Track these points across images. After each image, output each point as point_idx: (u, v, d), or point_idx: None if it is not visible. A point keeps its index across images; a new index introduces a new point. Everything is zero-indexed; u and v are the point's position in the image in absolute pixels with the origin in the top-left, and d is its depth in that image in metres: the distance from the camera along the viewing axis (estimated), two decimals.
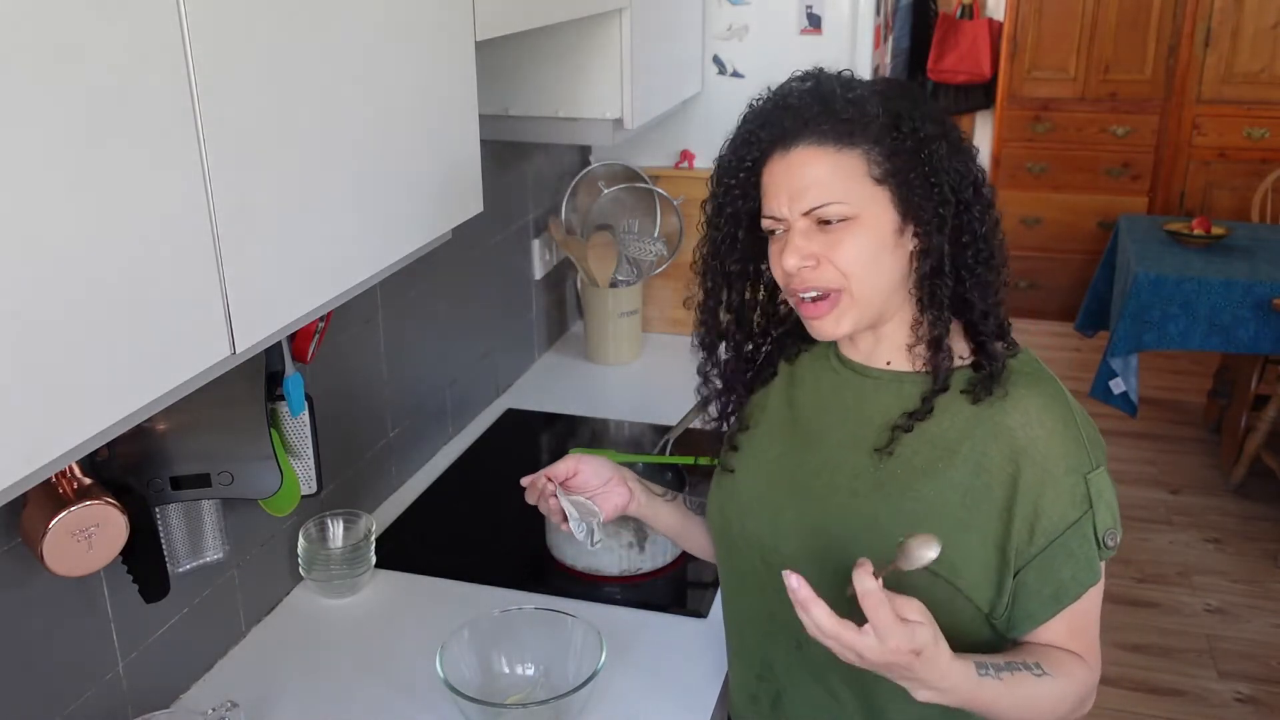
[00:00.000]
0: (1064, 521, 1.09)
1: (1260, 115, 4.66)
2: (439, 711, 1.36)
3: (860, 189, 1.09)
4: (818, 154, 1.09)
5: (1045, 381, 1.13)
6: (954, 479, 1.11)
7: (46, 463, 0.76)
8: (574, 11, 1.67)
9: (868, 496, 1.15)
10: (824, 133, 1.09)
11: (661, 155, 2.60)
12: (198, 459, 1.31)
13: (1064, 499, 1.09)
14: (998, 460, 1.09)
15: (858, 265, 1.10)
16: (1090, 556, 1.10)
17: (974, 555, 1.10)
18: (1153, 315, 3.44)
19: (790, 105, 1.12)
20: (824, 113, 1.10)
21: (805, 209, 1.10)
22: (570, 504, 1.30)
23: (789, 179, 1.10)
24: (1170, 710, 2.74)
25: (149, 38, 0.80)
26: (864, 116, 1.09)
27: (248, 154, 0.92)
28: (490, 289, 2.24)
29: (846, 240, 1.09)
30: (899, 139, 1.09)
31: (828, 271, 1.11)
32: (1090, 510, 1.09)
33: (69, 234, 0.74)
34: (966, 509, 1.10)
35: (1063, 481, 1.09)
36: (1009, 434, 1.09)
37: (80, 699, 1.24)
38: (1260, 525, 3.52)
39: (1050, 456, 1.09)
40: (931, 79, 4.95)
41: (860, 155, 1.09)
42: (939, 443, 1.12)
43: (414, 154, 1.21)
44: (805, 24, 2.46)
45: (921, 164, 1.09)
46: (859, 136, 1.09)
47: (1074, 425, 1.11)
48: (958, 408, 1.13)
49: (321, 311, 1.08)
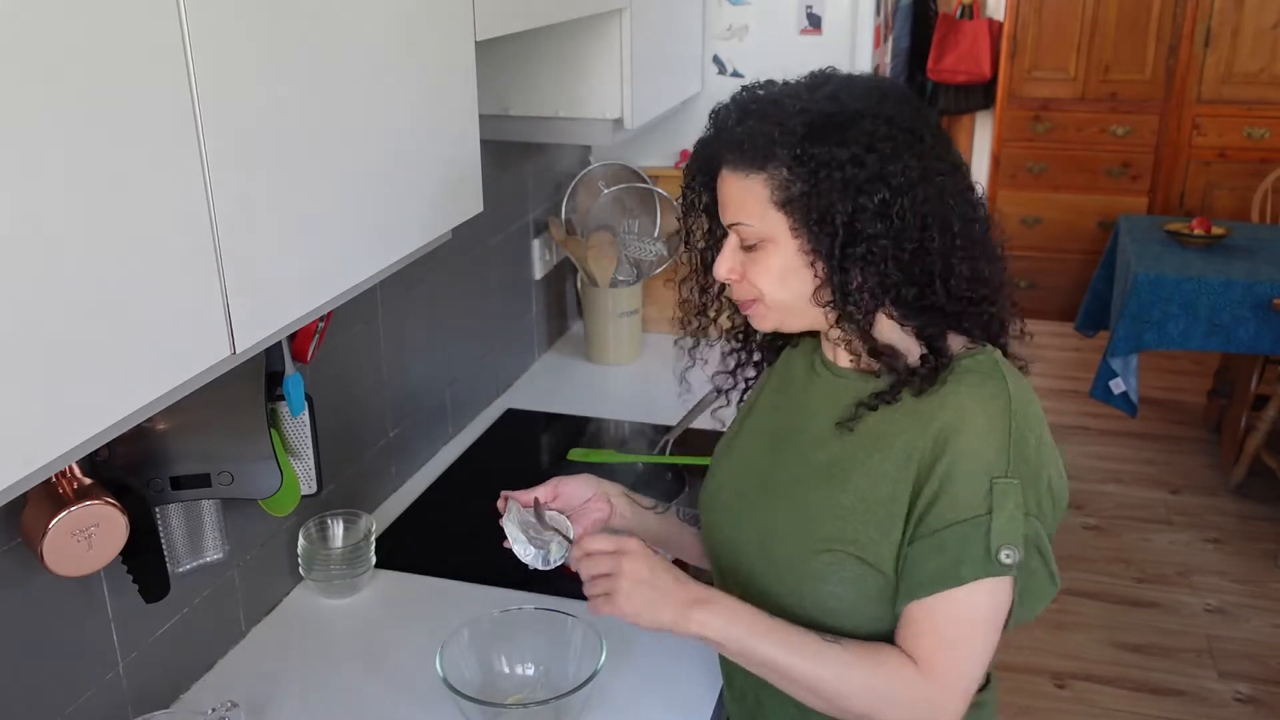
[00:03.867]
0: (953, 516, 1.06)
1: (1260, 115, 4.66)
2: (439, 711, 1.36)
3: (764, 213, 1.13)
4: (732, 177, 1.15)
5: (991, 382, 1.11)
6: (885, 470, 1.12)
7: (46, 463, 0.76)
8: (574, 11, 1.67)
9: (811, 489, 1.18)
10: (734, 160, 1.14)
11: (661, 155, 2.60)
12: (198, 459, 1.31)
13: (962, 495, 1.07)
14: (923, 449, 1.10)
15: (766, 284, 1.16)
16: (961, 559, 1.06)
17: (887, 534, 1.11)
18: (1153, 315, 3.44)
19: (720, 123, 1.17)
20: (740, 139, 1.13)
21: (727, 224, 1.17)
22: (534, 524, 1.30)
23: (722, 194, 1.17)
24: (1170, 710, 2.74)
25: (149, 38, 0.80)
26: (767, 144, 1.10)
27: (248, 154, 0.92)
28: (490, 289, 2.24)
29: (760, 260, 1.15)
30: (800, 165, 1.08)
31: (746, 287, 1.18)
32: (988, 516, 1.05)
33: (69, 234, 0.74)
34: (894, 500, 1.11)
35: (967, 478, 1.07)
36: (938, 428, 1.09)
37: (80, 699, 1.24)
38: (1260, 525, 3.52)
39: (966, 452, 1.07)
40: (931, 79, 4.95)
41: (762, 182, 1.12)
42: (877, 436, 1.14)
43: (414, 154, 1.21)
44: (805, 24, 2.46)
45: (817, 192, 1.08)
46: (757, 165, 1.12)
47: (1001, 430, 1.08)
48: (901, 403, 1.14)
49: (321, 311, 1.08)
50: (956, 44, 4.91)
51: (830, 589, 1.14)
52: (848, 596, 1.14)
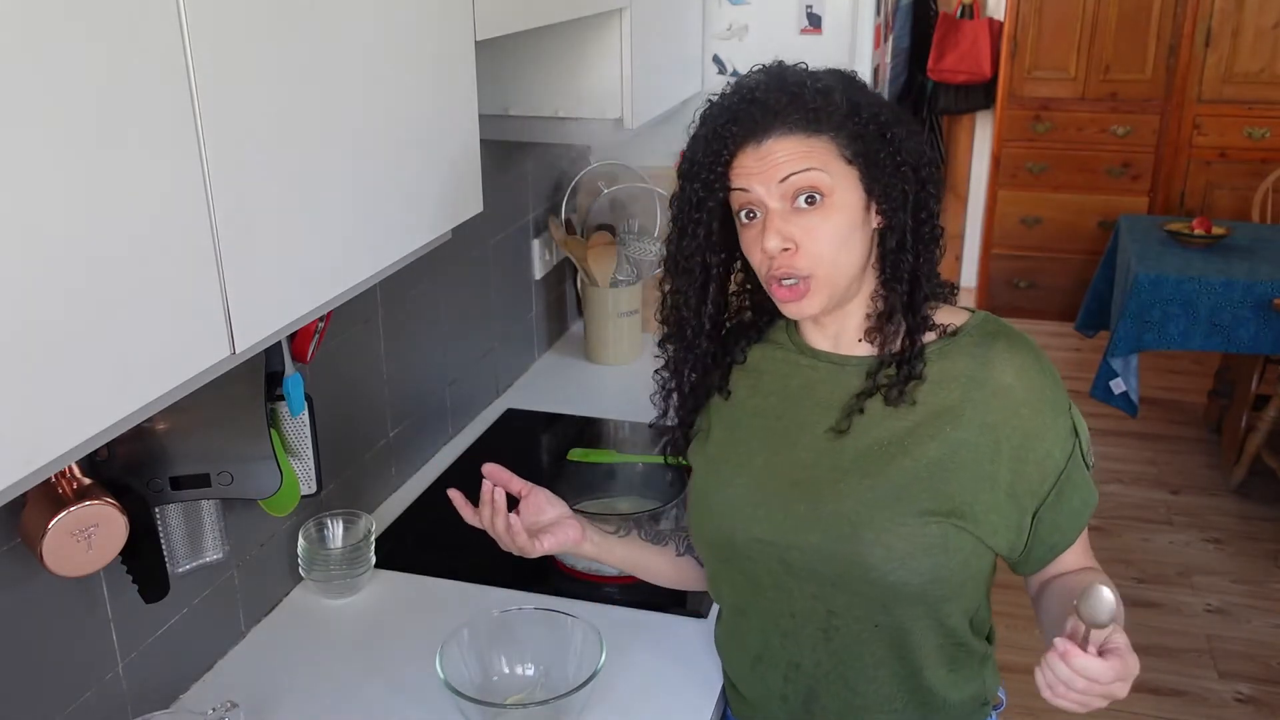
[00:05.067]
0: (1065, 457, 1.18)
1: (1260, 115, 4.66)
2: (439, 711, 1.36)
3: (834, 166, 1.14)
4: (789, 141, 1.14)
5: (1017, 335, 1.21)
6: (963, 439, 1.16)
7: (46, 463, 0.76)
8: (574, 11, 1.67)
9: (882, 472, 1.17)
10: (794, 122, 1.14)
11: (661, 155, 2.60)
12: (198, 459, 1.31)
13: (1061, 437, 1.18)
14: (1001, 414, 1.16)
15: (830, 247, 1.15)
16: (1087, 479, 1.21)
17: (992, 506, 1.16)
18: (1153, 315, 3.44)
19: (758, 99, 1.16)
20: (792, 103, 1.14)
21: (784, 175, 1.13)
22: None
23: (763, 165, 1.15)
24: (1170, 710, 2.74)
25: (149, 37, 0.80)
26: (830, 105, 1.14)
27: (248, 154, 0.92)
28: (490, 289, 2.24)
29: (821, 224, 1.14)
30: (861, 123, 1.15)
31: (802, 259, 1.15)
32: (1077, 439, 1.20)
33: (69, 233, 0.74)
34: (979, 463, 1.15)
35: (1057, 422, 1.18)
36: (1007, 390, 1.16)
37: (80, 699, 1.24)
38: (1260, 525, 3.52)
39: (1044, 402, 1.17)
40: (931, 79, 4.95)
41: (829, 139, 1.14)
42: (942, 411, 1.17)
43: (414, 154, 1.21)
44: (805, 24, 2.46)
45: (886, 144, 1.15)
46: (825, 124, 1.14)
47: (1050, 370, 1.20)
48: (952, 374, 1.18)
49: (321, 311, 1.08)
50: (957, 44, 4.90)
51: (936, 559, 1.15)
52: (951, 563, 1.16)
